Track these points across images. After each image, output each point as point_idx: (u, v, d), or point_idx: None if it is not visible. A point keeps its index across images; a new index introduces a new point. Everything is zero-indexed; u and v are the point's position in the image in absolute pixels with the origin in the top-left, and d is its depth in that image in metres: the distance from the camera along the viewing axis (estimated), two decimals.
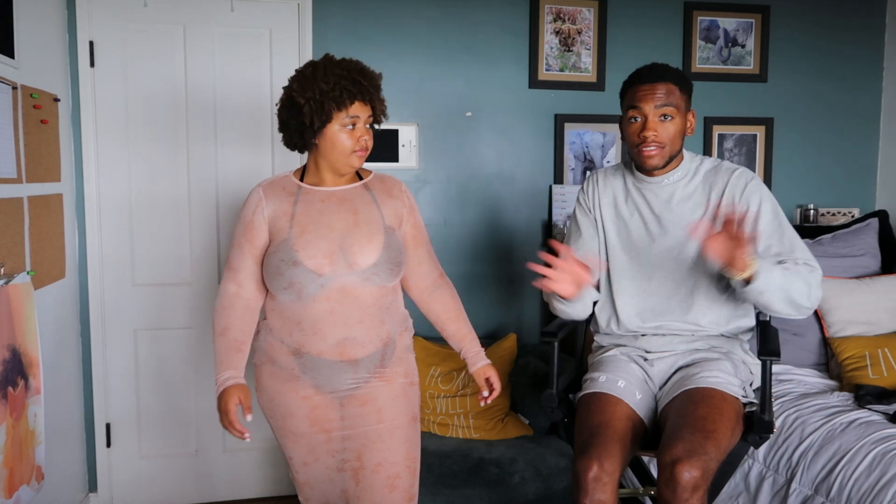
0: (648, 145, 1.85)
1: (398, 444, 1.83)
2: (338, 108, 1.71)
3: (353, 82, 1.71)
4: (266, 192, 1.81)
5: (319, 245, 1.72)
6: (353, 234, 1.75)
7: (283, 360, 1.79)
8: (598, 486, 1.66)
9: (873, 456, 2.02)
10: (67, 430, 2.68)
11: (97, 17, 2.74)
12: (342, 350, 1.75)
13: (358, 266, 1.73)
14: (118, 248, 2.84)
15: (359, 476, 1.83)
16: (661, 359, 1.97)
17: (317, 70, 1.72)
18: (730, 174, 1.91)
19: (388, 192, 1.86)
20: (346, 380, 1.78)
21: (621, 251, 1.99)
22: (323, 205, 1.78)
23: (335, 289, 1.72)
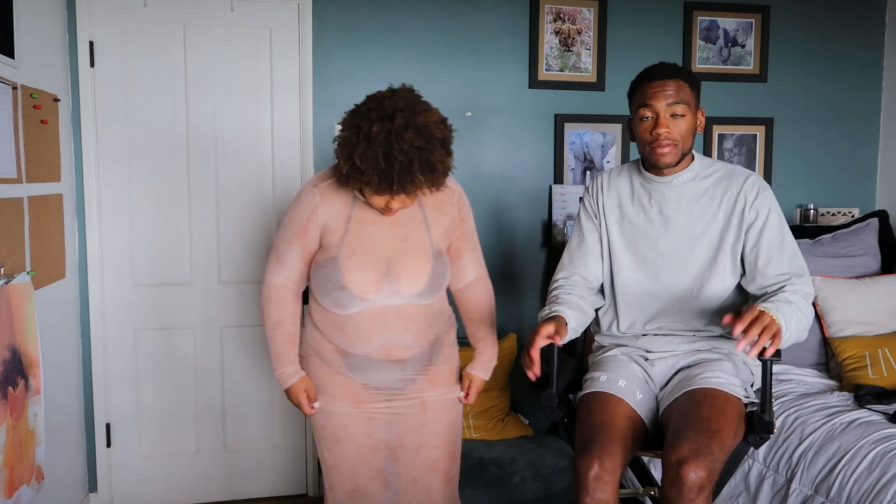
0: (661, 142, 1.83)
1: (440, 430, 1.87)
2: (368, 194, 1.66)
3: (384, 177, 1.56)
4: (322, 198, 1.76)
5: (367, 272, 1.73)
6: (401, 262, 1.75)
7: (330, 357, 1.83)
8: (599, 485, 1.66)
9: (873, 456, 2.02)
10: (67, 430, 2.68)
11: (97, 17, 2.74)
12: (388, 351, 1.78)
13: (402, 294, 1.76)
14: (118, 248, 2.84)
15: (398, 455, 1.87)
16: (662, 359, 1.97)
17: (361, 142, 1.58)
18: (743, 180, 1.90)
19: (439, 209, 1.83)
20: (393, 377, 1.82)
21: (626, 253, 1.98)
22: (374, 227, 1.76)
23: (378, 305, 1.76)
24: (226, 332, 2.95)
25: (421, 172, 1.58)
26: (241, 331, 2.96)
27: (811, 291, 1.83)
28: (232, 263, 2.93)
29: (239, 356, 2.97)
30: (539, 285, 3.20)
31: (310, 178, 2.91)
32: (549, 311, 1.90)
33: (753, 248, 1.87)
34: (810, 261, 2.79)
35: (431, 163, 1.59)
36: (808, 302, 1.81)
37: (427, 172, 1.59)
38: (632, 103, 1.91)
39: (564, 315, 1.86)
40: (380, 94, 1.66)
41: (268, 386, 3.00)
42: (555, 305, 1.91)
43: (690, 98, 1.86)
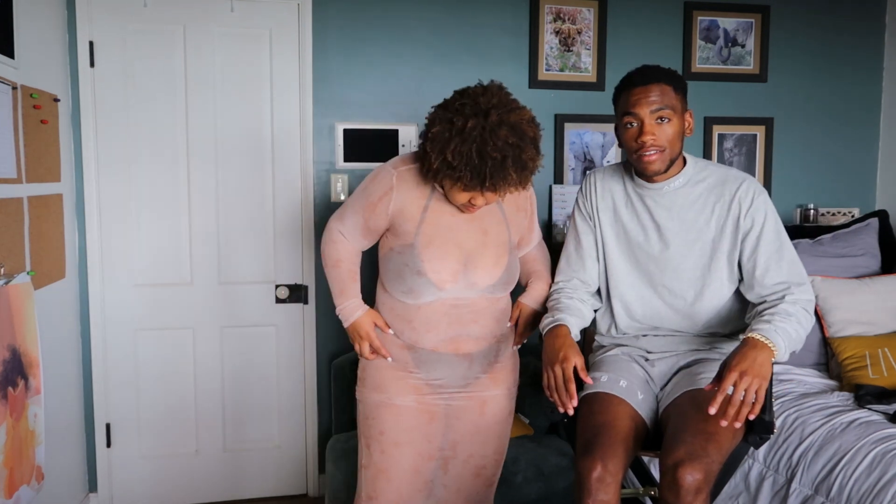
0: (648, 150, 1.80)
1: (493, 438, 1.88)
2: (458, 190, 1.66)
3: (476, 173, 1.57)
4: (399, 181, 1.75)
5: (446, 262, 1.74)
6: (481, 255, 1.77)
7: (398, 354, 1.82)
8: (601, 487, 1.66)
9: (873, 456, 2.02)
10: (67, 430, 2.68)
11: (97, 17, 2.74)
12: (456, 345, 1.79)
13: (479, 286, 1.77)
14: (118, 248, 2.84)
15: (448, 465, 1.87)
16: (663, 359, 1.97)
17: (455, 137, 1.58)
18: (736, 186, 1.87)
19: (515, 205, 1.87)
20: (459, 374, 1.81)
21: (620, 257, 1.98)
22: (452, 219, 1.77)
23: (450, 297, 1.76)
24: (226, 332, 2.95)
25: (514, 170, 1.59)
26: (241, 331, 2.96)
27: (811, 298, 1.82)
28: (232, 263, 2.93)
29: (239, 356, 2.97)
30: None
31: (310, 177, 2.93)
32: (551, 318, 1.90)
33: (751, 256, 1.85)
34: (810, 261, 2.80)
35: (523, 161, 1.61)
36: (809, 310, 1.81)
37: (519, 170, 1.61)
38: (616, 109, 1.88)
39: (567, 323, 1.87)
40: (471, 90, 1.66)
41: (268, 386, 3.00)
42: (557, 313, 1.91)
43: (675, 101, 1.81)
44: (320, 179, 2.96)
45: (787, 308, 1.76)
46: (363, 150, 2.97)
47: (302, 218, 2.95)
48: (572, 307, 1.93)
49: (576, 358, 1.77)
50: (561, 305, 1.94)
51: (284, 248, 2.96)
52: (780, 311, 1.75)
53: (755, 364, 1.63)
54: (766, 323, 1.72)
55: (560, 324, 1.86)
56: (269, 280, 2.96)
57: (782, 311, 1.75)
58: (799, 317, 1.76)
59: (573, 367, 1.76)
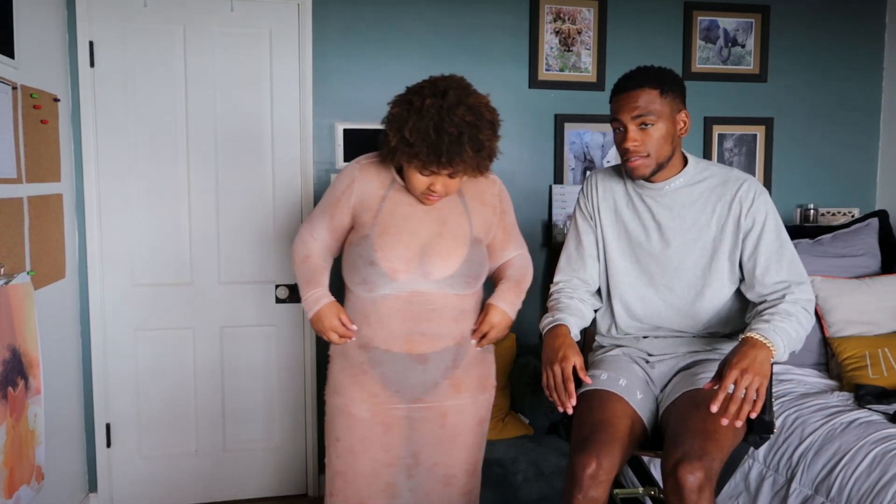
0: (632, 156, 1.83)
1: (458, 449, 1.83)
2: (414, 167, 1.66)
3: (433, 149, 1.59)
4: (361, 174, 1.79)
5: (398, 250, 1.72)
6: (436, 244, 1.74)
7: (354, 354, 1.80)
8: (594, 484, 1.66)
9: (873, 456, 2.02)
10: (67, 430, 2.68)
11: (97, 17, 2.74)
12: (411, 344, 1.75)
13: (433, 276, 1.73)
14: (118, 248, 2.84)
15: (412, 472, 1.83)
16: (663, 361, 1.97)
17: (412, 115, 1.62)
18: (738, 186, 1.87)
19: (480, 199, 1.83)
20: (415, 379, 1.77)
21: (621, 257, 1.98)
22: (410, 209, 1.76)
23: (406, 290, 1.73)
24: (226, 332, 2.95)
25: (470, 147, 1.61)
26: (241, 331, 2.96)
27: (811, 297, 1.83)
28: (232, 263, 2.93)
29: (239, 356, 2.97)
30: (539, 285, 3.19)
31: (310, 177, 2.93)
32: (551, 318, 1.90)
33: (751, 255, 1.86)
34: (810, 261, 2.80)
35: (480, 140, 1.63)
36: (809, 309, 1.81)
37: (475, 149, 1.62)
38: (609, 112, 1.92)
39: (567, 323, 1.87)
40: (433, 77, 1.70)
41: (268, 386, 3.00)
42: (557, 313, 1.91)
43: (661, 106, 1.81)
44: (320, 179, 2.96)
45: (787, 308, 1.76)
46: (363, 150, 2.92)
47: (302, 218, 2.95)
48: (572, 307, 1.94)
49: (575, 357, 1.77)
50: (561, 305, 1.94)
51: (284, 248, 2.96)
52: (780, 311, 1.75)
53: (755, 362, 1.64)
54: (766, 322, 1.73)
55: (560, 323, 1.86)
56: (269, 280, 2.96)
57: (782, 310, 1.75)
58: (799, 317, 1.76)
59: (572, 367, 1.76)
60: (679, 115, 1.85)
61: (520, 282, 1.91)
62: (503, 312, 1.83)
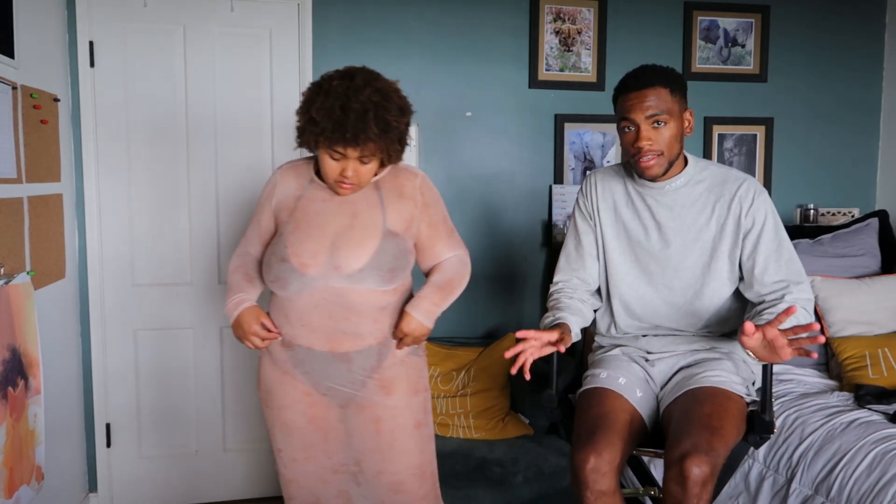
0: (645, 154, 1.81)
1: (397, 456, 1.78)
2: (320, 144, 1.64)
3: (339, 125, 1.58)
4: (281, 177, 1.81)
5: (306, 245, 1.70)
6: (345, 236, 1.70)
7: (278, 353, 1.78)
8: (597, 477, 1.66)
9: (873, 456, 2.02)
10: (67, 430, 2.68)
11: (97, 17, 2.74)
12: (332, 342, 1.72)
13: (343, 269, 1.68)
14: (118, 248, 2.84)
15: (359, 479, 1.81)
16: (662, 359, 1.97)
17: (320, 95, 1.63)
18: (737, 186, 1.87)
19: (398, 192, 1.77)
20: (341, 377, 1.74)
21: (621, 256, 1.98)
22: (323, 204, 1.75)
23: (320, 287, 1.69)
24: (226, 332, 2.95)
25: (376, 124, 1.59)
26: None
27: (810, 297, 1.83)
28: None
29: (239, 356, 2.97)
30: (539, 285, 3.20)
31: None
32: (552, 317, 1.90)
33: (750, 255, 1.86)
34: (810, 261, 2.80)
35: (387, 120, 1.61)
36: (809, 309, 1.81)
37: (382, 128, 1.60)
38: (615, 112, 1.89)
39: (568, 322, 1.86)
40: (344, 67, 1.72)
41: None
42: (558, 312, 1.91)
43: (672, 104, 1.81)
44: None
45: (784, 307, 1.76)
46: None
47: None
48: (573, 307, 1.94)
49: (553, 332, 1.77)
50: (562, 305, 1.94)
51: None
52: (779, 311, 1.75)
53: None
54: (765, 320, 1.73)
55: (561, 322, 1.86)
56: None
57: (780, 310, 1.76)
58: (797, 316, 1.76)
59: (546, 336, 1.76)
60: (685, 113, 1.86)
61: (443, 287, 1.81)
62: (417, 321, 1.75)
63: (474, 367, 2.81)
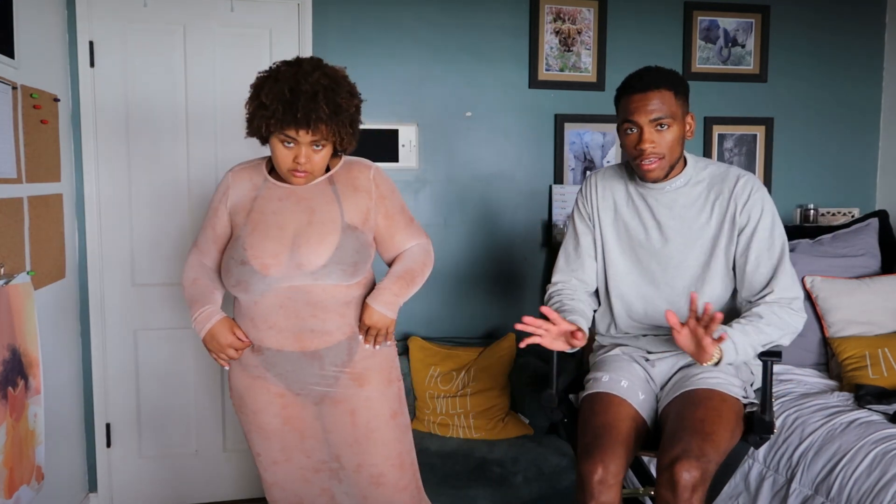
0: (647, 157, 1.81)
1: (375, 447, 1.78)
2: (271, 128, 1.62)
3: (289, 107, 1.58)
4: (234, 179, 1.78)
5: (266, 245, 1.68)
6: (304, 234, 1.69)
7: (248, 359, 1.76)
8: (603, 489, 1.66)
9: (873, 456, 2.02)
10: (67, 430, 2.68)
11: (97, 17, 2.74)
12: (301, 342, 1.70)
13: (306, 267, 1.67)
14: (118, 248, 2.84)
15: (340, 476, 1.81)
16: (663, 359, 1.97)
17: (268, 80, 1.63)
18: (734, 182, 1.87)
19: (353, 185, 1.77)
20: (314, 376, 1.73)
21: (621, 256, 1.98)
22: (280, 203, 1.73)
23: (283, 288, 1.68)
24: None
25: (326, 104, 1.59)
26: None
27: (796, 296, 1.82)
28: None
29: None
30: (539, 285, 3.20)
31: None
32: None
33: (744, 252, 1.86)
34: (810, 261, 2.80)
35: (337, 102, 1.62)
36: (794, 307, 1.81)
37: (332, 110, 1.61)
38: (617, 113, 1.88)
39: (579, 324, 1.86)
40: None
41: None
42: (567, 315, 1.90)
43: (675, 108, 1.81)
44: None
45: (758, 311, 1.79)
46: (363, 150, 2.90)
47: None
48: (577, 308, 1.94)
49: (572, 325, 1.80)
50: (567, 307, 1.94)
51: None
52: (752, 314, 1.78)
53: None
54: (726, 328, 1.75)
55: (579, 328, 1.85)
56: None
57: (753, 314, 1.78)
58: (769, 318, 1.77)
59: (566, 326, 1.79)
60: (687, 117, 1.86)
61: (403, 276, 1.79)
62: (379, 313, 1.73)
63: (474, 367, 2.81)
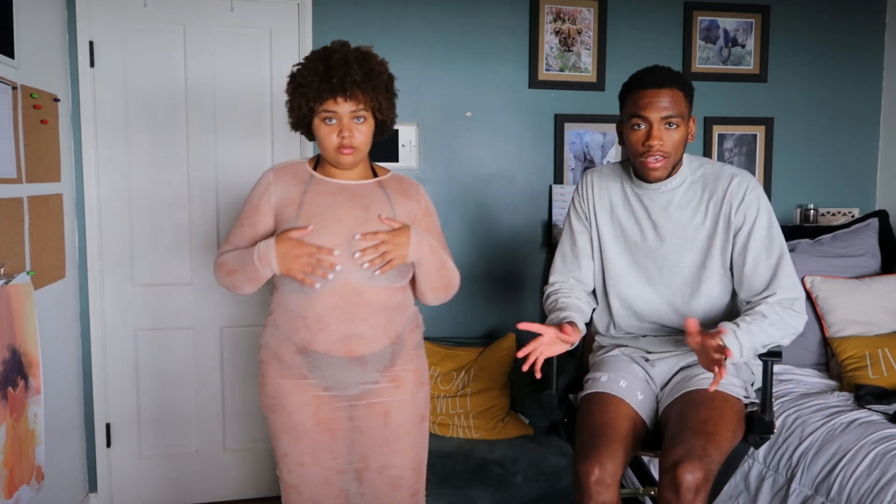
0: (653, 155, 1.78)
1: (404, 449, 1.80)
2: (311, 103, 1.65)
3: (324, 78, 1.62)
4: (276, 177, 1.77)
5: (327, 237, 1.67)
6: (363, 229, 1.69)
7: (291, 359, 1.75)
8: (601, 489, 1.66)
9: (873, 456, 2.02)
10: (67, 430, 2.68)
11: (97, 17, 2.74)
12: (349, 347, 1.71)
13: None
14: (118, 248, 2.84)
15: (363, 476, 1.81)
16: (663, 359, 1.97)
17: (301, 66, 1.69)
18: (729, 181, 1.86)
19: (404, 193, 1.80)
20: (355, 380, 1.74)
21: (618, 255, 1.98)
22: (333, 197, 1.73)
23: (339, 283, 1.68)
24: (226, 332, 2.95)
25: (359, 67, 1.63)
26: (240, 331, 2.96)
27: (797, 296, 1.82)
28: None
29: (239, 356, 2.97)
30: (539, 285, 3.20)
31: None
32: (556, 319, 1.89)
33: (741, 252, 1.85)
34: (810, 261, 2.80)
35: (369, 66, 1.66)
36: (796, 308, 1.80)
37: (365, 73, 1.64)
38: (623, 109, 1.86)
39: (574, 320, 1.86)
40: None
41: None
42: (560, 312, 1.90)
43: (684, 108, 1.80)
44: None
45: (762, 310, 1.78)
46: None
47: None
48: (573, 305, 1.94)
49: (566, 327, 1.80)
50: (561, 304, 1.94)
51: None
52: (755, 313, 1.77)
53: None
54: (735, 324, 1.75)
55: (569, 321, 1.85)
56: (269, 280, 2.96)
57: (757, 312, 1.77)
58: (772, 318, 1.77)
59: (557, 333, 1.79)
60: (691, 118, 1.85)
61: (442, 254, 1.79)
62: (408, 238, 1.70)
63: (474, 367, 2.81)
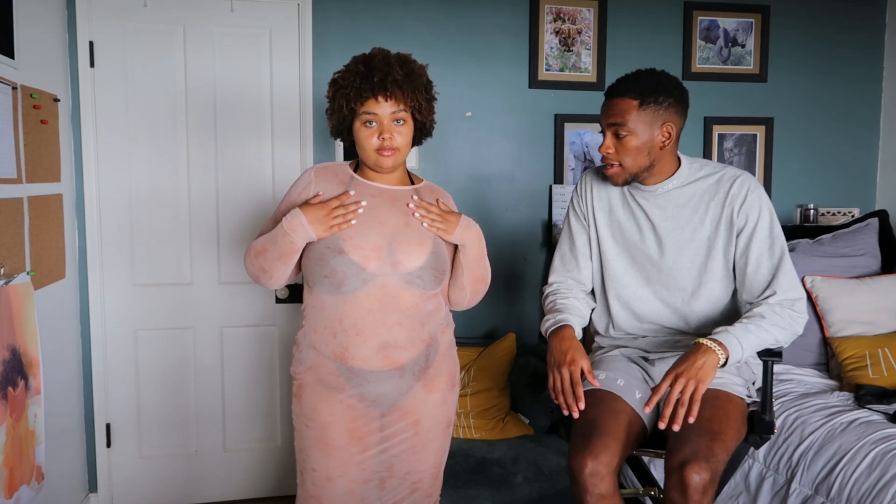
0: (605, 161, 1.84)
1: (427, 455, 1.80)
2: (352, 104, 1.65)
3: (365, 78, 1.63)
4: (318, 174, 1.76)
5: (368, 237, 1.67)
6: (403, 233, 1.69)
7: (328, 377, 1.72)
8: (596, 481, 1.66)
9: (873, 456, 2.02)
10: (67, 430, 2.68)
11: (97, 17, 2.74)
12: (386, 356, 1.69)
13: (402, 267, 1.67)
14: (118, 248, 2.84)
15: (385, 484, 1.80)
16: (663, 359, 1.97)
17: (342, 70, 1.69)
18: (731, 183, 1.86)
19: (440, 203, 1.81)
20: (392, 386, 1.72)
21: (617, 256, 1.98)
22: (374, 199, 1.72)
23: (377, 286, 1.66)
24: (226, 332, 2.95)
25: (399, 67, 1.65)
26: (241, 331, 2.96)
27: (799, 296, 1.82)
28: (232, 263, 2.93)
29: (239, 356, 2.97)
30: (539, 285, 3.20)
31: None
32: (553, 320, 1.89)
33: (743, 253, 1.86)
34: (810, 261, 2.80)
35: (409, 67, 1.68)
36: (797, 308, 1.80)
37: (405, 73, 1.66)
38: None
39: (571, 323, 1.86)
40: None
41: (268, 386, 3.00)
42: (558, 314, 1.90)
43: (637, 117, 1.78)
44: None
45: (761, 311, 1.78)
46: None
47: None
48: (571, 307, 1.94)
49: (583, 361, 1.77)
50: (560, 306, 1.94)
51: None
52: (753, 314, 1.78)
53: (693, 367, 1.66)
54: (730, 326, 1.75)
55: (565, 324, 1.85)
56: None
57: (755, 313, 1.78)
58: (773, 319, 1.77)
59: (580, 370, 1.76)
60: (663, 127, 1.81)
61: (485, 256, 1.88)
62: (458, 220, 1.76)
63: (474, 367, 2.81)
